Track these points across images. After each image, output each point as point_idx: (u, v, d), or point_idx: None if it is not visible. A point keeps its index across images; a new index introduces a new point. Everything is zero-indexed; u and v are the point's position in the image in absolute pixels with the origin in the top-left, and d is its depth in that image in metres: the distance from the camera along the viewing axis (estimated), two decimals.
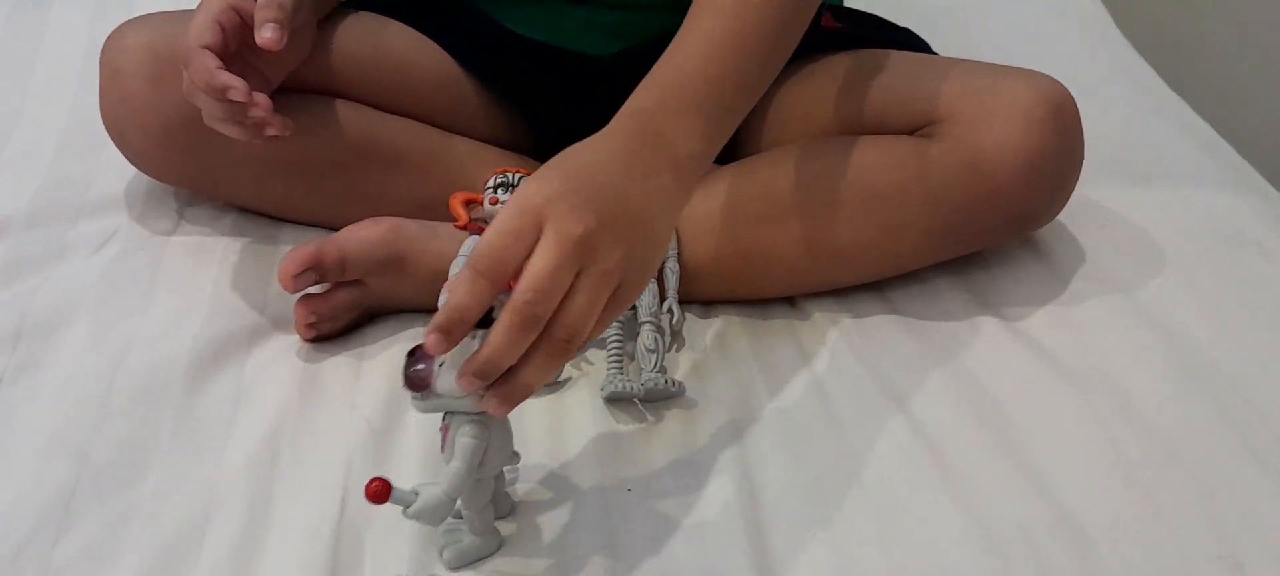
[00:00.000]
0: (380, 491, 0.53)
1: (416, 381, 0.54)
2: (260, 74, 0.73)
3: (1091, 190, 0.79)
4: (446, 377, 0.54)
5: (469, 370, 0.53)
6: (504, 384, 0.53)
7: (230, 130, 0.71)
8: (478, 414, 0.56)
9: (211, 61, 0.68)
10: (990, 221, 0.75)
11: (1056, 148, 0.73)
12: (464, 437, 0.55)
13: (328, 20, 0.82)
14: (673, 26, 0.66)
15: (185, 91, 0.71)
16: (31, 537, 0.60)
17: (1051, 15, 1.16)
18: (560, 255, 0.52)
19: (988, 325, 0.76)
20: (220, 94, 0.68)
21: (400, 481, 0.63)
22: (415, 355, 0.55)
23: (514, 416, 0.68)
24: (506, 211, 0.53)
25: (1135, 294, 0.78)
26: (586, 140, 0.59)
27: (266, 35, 0.69)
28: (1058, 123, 0.73)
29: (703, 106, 0.61)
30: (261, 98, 0.69)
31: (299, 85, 0.78)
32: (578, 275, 0.53)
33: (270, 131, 0.70)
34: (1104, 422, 0.68)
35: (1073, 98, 0.74)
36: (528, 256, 0.52)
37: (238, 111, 0.69)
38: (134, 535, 0.60)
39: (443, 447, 0.57)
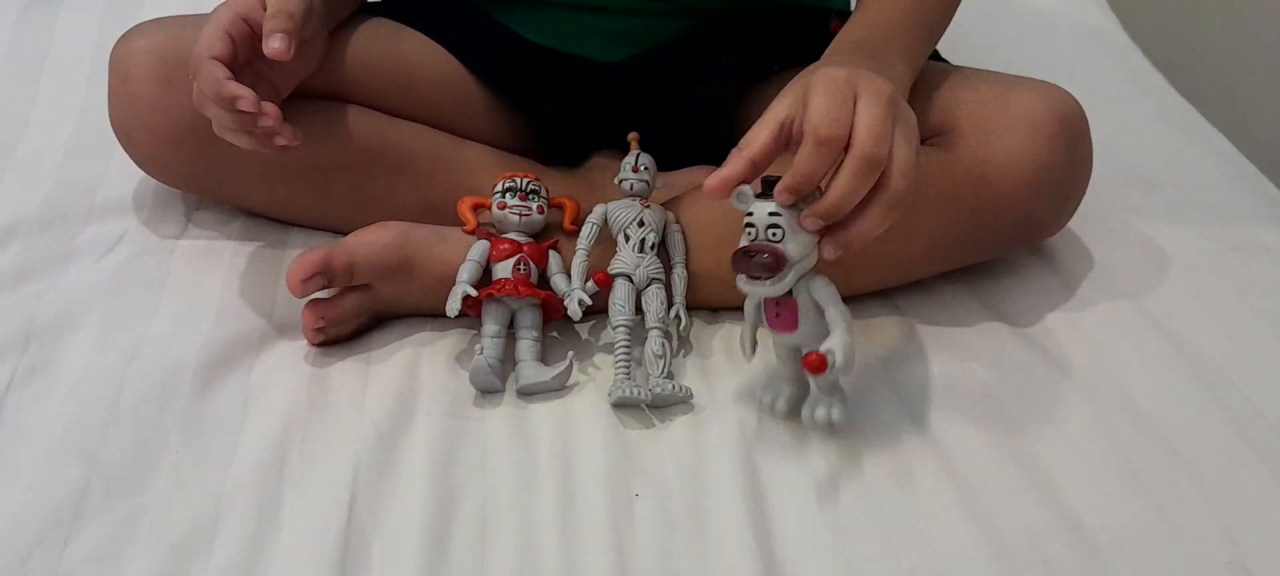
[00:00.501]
0: (818, 364, 0.60)
1: (775, 261, 0.60)
2: (269, 83, 0.74)
3: (1100, 196, 0.79)
4: (790, 244, 0.61)
5: (815, 211, 0.60)
6: (842, 230, 0.61)
7: (239, 139, 0.71)
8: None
9: (220, 72, 0.68)
10: (998, 232, 0.75)
11: (1065, 160, 0.73)
12: (824, 286, 0.63)
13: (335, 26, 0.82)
14: (680, 33, 0.66)
15: (195, 101, 0.71)
16: (41, 541, 0.60)
17: (1060, 21, 1.16)
18: (883, 108, 0.60)
19: (996, 331, 0.76)
20: (229, 104, 0.68)
21: (408, 489, 0.63)
22: (749, 256, 0.61)
23: (522, 419, 0.69)
24: (823, 87, 0.60)
25: (1144, 300, 0.78)
26: (824, 60, 0.67)
27: (274, 45, 0.69)
28: (1067, 135, 0.73)
29: (903, 50, 0.71)
30: (270, 107, 0.69)
31: (307, 90, 0.78)
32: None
33: (279, 140, 0.71)
34: (1112, 429, 0.68)
35: (1082, 110, 0.74)
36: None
37: (247, 121, 0.69)
38: (143, 538, 0.60)
39: (775, 322, 0.64)
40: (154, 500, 0.62)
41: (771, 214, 0.61)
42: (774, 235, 0.61)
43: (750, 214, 0.62)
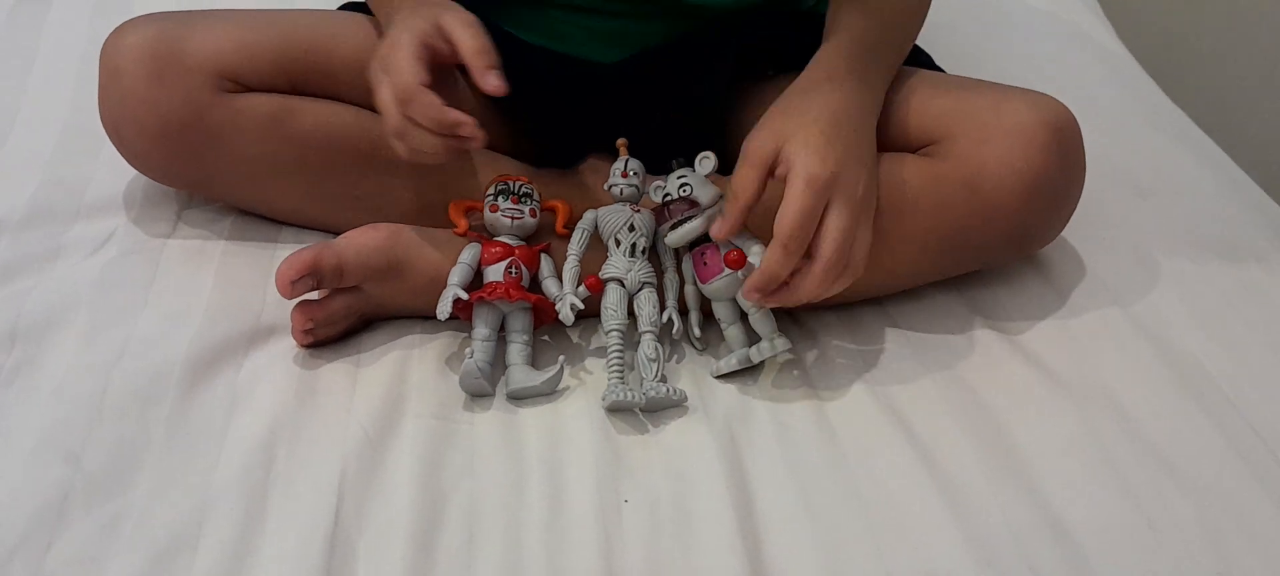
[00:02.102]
0: (737, 259, 0.69)
1: (690, 205, 0.72)
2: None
3: (1089, 202, 0.79)
4: (700, 193, 0.73)
5: (751, 286, 0.67)
6: (780, 294, 0.67)
7: (429, 157, 0.71)
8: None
9: (436, 98, 0.68)
10: (990, 241, 0.75)
11: (1057, 170, 0.73)
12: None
13: (329, 24, 0.81)
14: (674, 35, 0.66)
15: (393, 131, 0.71)
16: (24, 541, 0.59)
17: (1052, 26, 1.17)
18: (850, 219, 0.67)
19: (985, 337, 0.76)
20: (450, 130, 0.68)
21: (395, 492, 0.63)
22: (667, 208, 0.73)
23: (511, 423, 0.68)
24: (802, 181, 0.65)
25: (1132, 306, 0.78)
26: (812, 85, 0.72)
27: (494, 83, 0.69)
28: (1059, 145, 0.73)
29: (884, 64, 0.76)
30: (478, 129, 0.69)
31: (300, 88, 0.78)
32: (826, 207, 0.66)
33: (474, 145, 0.70)
34: (1100, 435, 0.68)
35: (1075, 120, 0.74)
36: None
37: (455, 144, 0.70)
38: (127, 539, 0.60)
39: (705, 271, 0.72)
40: (138, 501, 0.62)
41: (679, 178, 0.73)
42: (685, 191, 0.72)
43: (664, 189, 0.73)
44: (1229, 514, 0.63)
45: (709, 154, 0.74)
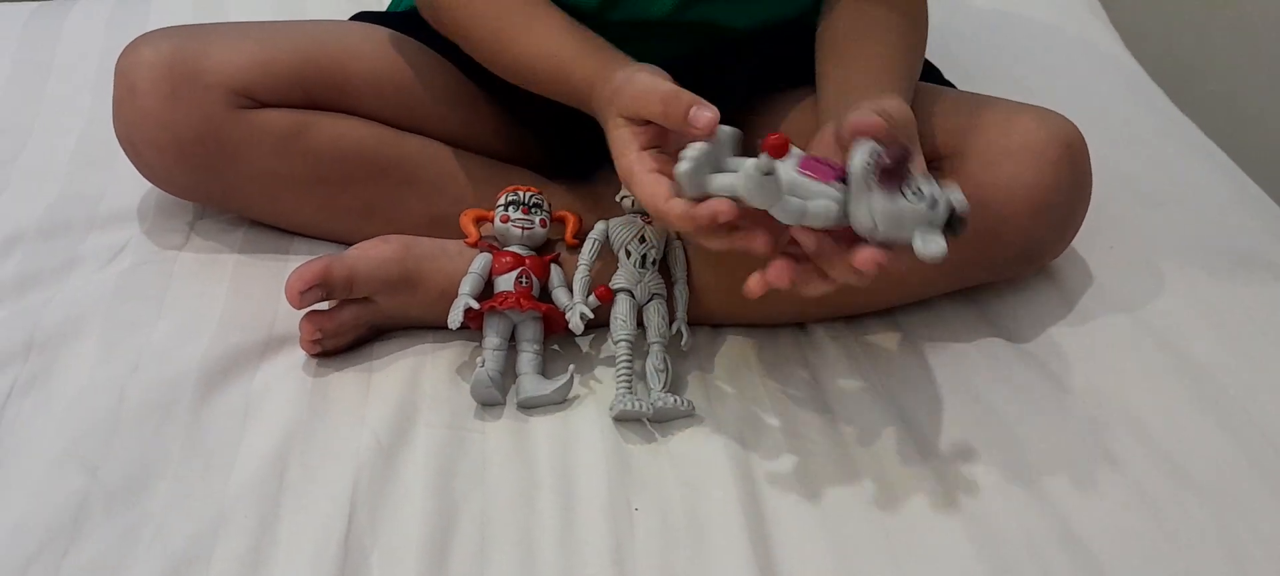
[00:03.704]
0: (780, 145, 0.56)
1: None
2: None
3: (1100, 212, 0.79)
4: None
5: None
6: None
7: (720, 243, 0.62)
8: None
9: (682, 205, 0.61)
10: (998, 256, 0.75)
11: (1067, 187, 0.73)
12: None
13: (345, 38, 0.82)
14: (679, 50, 0.66)
15: (692, 231, 0.62)
16: (41, 551, 0.60)
17: (1061, 36, 1.17)
18: None
19: (996, 346, 0.76)
20: (710, 224, 0.60)
21: (407, 501, 0.63)
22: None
23: (522, 432, 0.69)
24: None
25: (1143, 315, 0.78)
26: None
27: (705, 120, 0.62)
28: (1068, 162, 0.73)
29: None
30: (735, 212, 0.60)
31: (316, 102, 0.78)
32: None
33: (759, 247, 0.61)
34: (1114, 444, 0.68)
35: (1082, 137, 0.75)
36: None
37: (723, 241, 0.62)
38: (143, 549, 0.60)
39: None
40: (154, 511, 0.62)
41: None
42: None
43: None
44: (1244, 522, 0.63)
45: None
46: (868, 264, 0.58)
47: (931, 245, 0.58)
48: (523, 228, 0.75)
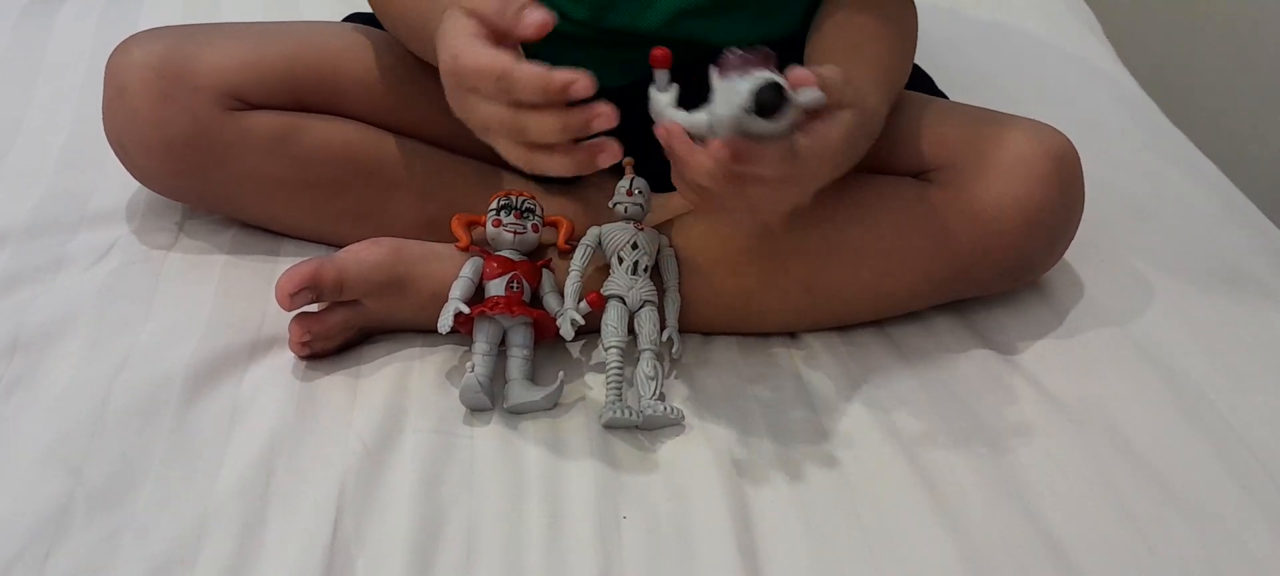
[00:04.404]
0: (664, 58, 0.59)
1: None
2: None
3: (1090, 225, 0.79)
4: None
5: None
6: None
7: (560, 164, 0.59)
8: None
9: (535, 65, 0.56)
10: (989, 269, 0.76)
11: (1058, 201, 0.74)
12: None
13: (336, 40, 0.82)
14: (682, 62, 0.67)
15: (508, 134, 0.59)
16: (22, 553, 0.59)
17: (1054, 48, 1.17)
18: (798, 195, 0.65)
19: (985, 359, 0.76)
20: (561, 95, 0.56)
21: (394, 507, 0.63)
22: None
23: (511, 438, 0.68)
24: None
25: (1132, 329, 0.78)
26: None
27: (537, 18, 0.57)
28: (1060, 177, 0.73)
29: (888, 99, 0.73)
30: (606, 105, 0.57)
31: (306, 105, 0.78)
32: None
33: (604, 160, 0.59)
34: (1099, 458, 0.68)
35: (1075, 151, 0.75)
36: None
37: (579, 122, 0.58)
38: (126, 552, 0.60)
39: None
40: (138, 514, 0.62)
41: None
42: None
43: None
44: (1227, 539, 0.63)
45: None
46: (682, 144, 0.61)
47: (721, 126, 0.60)
48: (514, 232, 0.75)
